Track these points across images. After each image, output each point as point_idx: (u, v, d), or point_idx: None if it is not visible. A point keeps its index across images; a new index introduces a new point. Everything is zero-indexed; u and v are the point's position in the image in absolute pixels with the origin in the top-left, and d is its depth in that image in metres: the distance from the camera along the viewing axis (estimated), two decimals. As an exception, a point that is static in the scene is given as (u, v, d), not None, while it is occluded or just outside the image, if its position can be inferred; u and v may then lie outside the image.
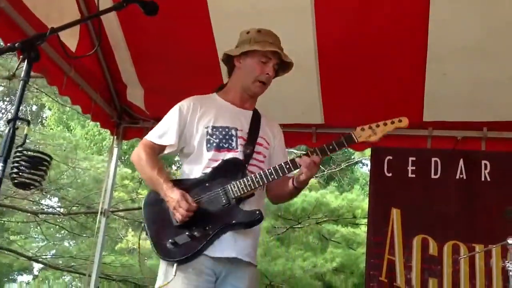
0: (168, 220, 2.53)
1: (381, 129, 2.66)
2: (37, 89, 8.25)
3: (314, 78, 4.22)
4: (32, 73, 1.92)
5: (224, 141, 2.64)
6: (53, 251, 12.69)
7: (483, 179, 4.35)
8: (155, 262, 10.59)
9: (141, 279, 10.20)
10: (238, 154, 2.64)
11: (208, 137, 2.65)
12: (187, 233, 2.48)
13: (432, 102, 4.27)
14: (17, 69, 1.85)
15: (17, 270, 19.43)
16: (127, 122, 4.93)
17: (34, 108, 17.80)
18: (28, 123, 1.77)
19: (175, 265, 2.46)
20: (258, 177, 2.54)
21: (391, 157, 4.55)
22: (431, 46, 3.86)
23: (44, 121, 18.81)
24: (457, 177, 4.38)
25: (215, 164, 2.61)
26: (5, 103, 15.27)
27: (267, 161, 2.76)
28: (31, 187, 1.69)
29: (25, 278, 21.81)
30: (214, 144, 2.63)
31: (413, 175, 4.48)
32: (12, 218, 12.48)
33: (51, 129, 15.99)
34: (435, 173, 4.43)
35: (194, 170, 2.66)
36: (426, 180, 4.44)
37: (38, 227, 11.92)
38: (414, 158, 4.51)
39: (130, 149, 16.62)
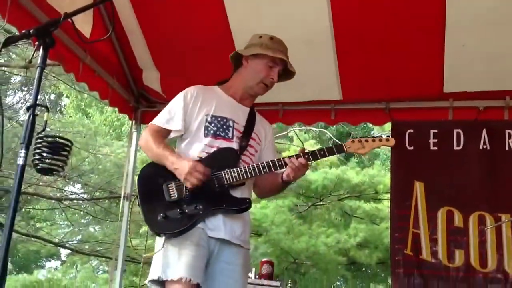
0: (161, 195, 2.67)
1: (370, 144, 2.85)
2: (54, 77, 8.29)
3: (331, 54, 4.18)
4: (48, 61, 1.93)
5: (221, 130, 2.81)
6: (79, 237, 12.87)
7: (507, 148, 4.28)
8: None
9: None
10: (233, 144, 2.81)
11: (207, 124, 2.80)
12: (178, 210, 2.62)
13: (452, 73, 4.20)
14: (33, 56, 1.84)
15: (45, 256, 19.83)
16: (145, 106, 4.95)
17: (52, 96, 17.95)
18: (47, 109, 1.78)
19: (164, 238, 2.60)
20: (251, 168, 2.71)
21: (412, 130, 4.49)
22: (449, 16, 3.79)
23: (62, 109, 18.97)
24: (481, 147, 4.31)
25: (211, 150, 2.76)
26: (23, 92, 15.41)
27: (257, 156, 2.94)
28: (54, 172, 1.70)
29: (53, 264, 22.24)
30: (212, 132, 2.79)
31: (435, 148, 4.42)
32: (37, 205, 12.66)
33: (70, 116, 16.12)
34: (458, 145, 4.37)
35: (190, 153, 2.79)
36: (449, 152, 4.38)
37: (63, 214, 12.09)
38: (435, 131, 4.44)
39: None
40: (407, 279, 4.23)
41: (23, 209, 13.12)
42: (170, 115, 2.83)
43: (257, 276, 4.13)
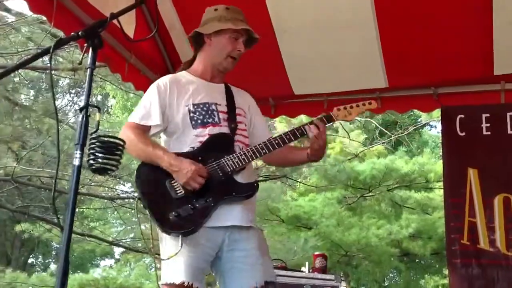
0: (167, 193, 2.57)
1: (355, 110, 2.89)
2: (101, 78, 8.47)
3: (374, 40, 4.07)
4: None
5: (207, 116, 2.72)
6: (132, 235, 13.10)
7: None
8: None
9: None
10: (223, 128, 2.73)
11: (191, 114, 2.71)
12: (189, 206, 2.53)
13: (502, 54, 4.03)
14: (82, 57, 1.86)
15: (100, 255, 20.34)
16: (191, 103, 4.97)
17: (99, 97, 18.32)
18: (99, 109, 1.80)
19: (180, 237, 2.50)
20: (250, 151, 2.67)
21: (462, 116, 4.37)
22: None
23: (109, 109, 19.34)
24: (535, 130, 4.16)
25: (203, 139, 2.68)
26: (71, 95, 15.79)
27: (249, 129, 2.90)
28: (108, 172, 1.73)
29: (108, 262, 22.79)
30: (199, 121, 2.70)
31: (488, 132, 4.29)
32: (90, 205, 12.96)
33: (117, 116, 16.42)
34: (512, 129, 4.23)
35: (183, 148, 2.70)
36: (503, 136, 4.24)
37: (116, 212, 12.33)
38: (488, 115, 4.30)
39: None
40: (465, 269, 4.12)
41: (77, 209, 13.48)
42: (146, 110, 2.71)
43: (310, 270, 4.11)
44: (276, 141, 2.72)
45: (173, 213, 2.52)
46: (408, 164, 12.22)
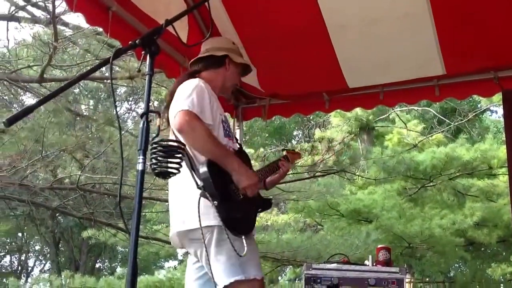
0: (231, 194, 2.66)
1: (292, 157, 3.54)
2: (157, 84, 8.64)
3: (429, 25, 3.98)
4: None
5: (228, 130, 2.92)
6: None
7: None
8: (290, 236, 10.78)
9: (280, 253, 10.42)
10: (236, 145, 2.95)
11: (223, 124, 2.87)
12: (248, 210, 2.74)
13: None
14: (141, 65, 1.91)
15: (164, 257, 20.76)
16: (244, 103, 5.02)
17: (156, 103, 18.69)
18: (159, 115, 1.85)
19: (243, 238, 2.59)
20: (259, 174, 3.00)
21: (525, 98, 4.23)
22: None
23: (166, 115, 19.70)
24: None
25: (231, 150, 2.83)
26: (129, 102, 16.19)
27: None
28: (171, 175, 1.78)
29: (171, 264, 23.25)
30: (227, 132, 2.88)
31: (552, 114, 4.14)
32: (153, 209, 13.25)
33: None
34: None
35: None
36: None
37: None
38: (550, 96, 4.16)
39: (249, 130, 17.00)
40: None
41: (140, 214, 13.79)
42: (201, 107, 2.71)
43: (374, 263, 4.06)
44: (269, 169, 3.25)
45: (238, 214, 2.65)
46: (470, 151, 11.90)
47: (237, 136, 3.15)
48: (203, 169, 2.58)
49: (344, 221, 11.79)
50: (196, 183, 2.58)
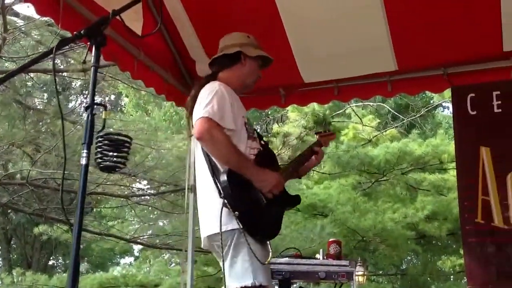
0: (258, 200, 2.71)
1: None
2: (111, 77, 8.50)
3: (382, 23, 4.05)
4: (104, 62, 1.98)
5: (251, 130, 2.94)
6: (150, 231, 13.18)
7: None
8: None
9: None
10: (259, 143, 2.95)
11: (246, 125, 2.89)
12: (273, 213, 2.76)
13: (511, 30, 4.00)
14: (86, 56, 1.87)
15: (119, 253, 20.50)
16: (200, 96, 4.97)
17: (113, 97, 18.41)
18: (105, 108, 1.81)
19: (269, 242, 2.67)
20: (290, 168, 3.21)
21: (473, 95, 4.34)
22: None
23: (123, 108, 19.43)
24: (547, 105, 4.12)
25: (253, 151, 2.84)
26: (85, 96, 15.88)
27: None
28: (116, 169, 1.75)
29: (127, 260, 22.97)
30: (250, 133, 2.90)
31: (499, 110, 4.25)
32: (107, 204, 13.05)
33: (130, 115, 16.49)
34: (523, 105, 4.19)
35: None
36: (514, 113, 4.21)
37: (132, 211, 12.41)
38: (498, 92, 4.27)
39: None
40: (480, 248, 4.11)
41: (94, 210, 13.57)
42: (222, 113, 2.74)
43: (325, 257, 4.11)
44: (296, 164, 3.34)
45: (261, 220, 2.70)
46: (422, 146, 12.16)
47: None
48: (223, 178, 2.63)
49: (300, 216, 11.88)
50: (219, 191, 2.65)
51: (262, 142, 3.00)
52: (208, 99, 2.74)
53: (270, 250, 2.63)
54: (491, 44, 4.12)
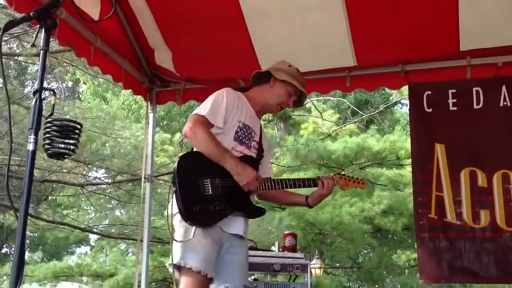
0: (198, 188, 2.89)
1: (351, 184, 3.41)
2: (67, 62, 8.30)
3: (343, 19, 4.07)
4: (60, 47, 1.92)
5: (246, 138, 3.11)
6: (106, 221, 13.03)
7: (528, 103, 4.18)
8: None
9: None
10: (252, 153, 3.12)
11: (238, 129, 3.07)
12: (211, 206, 2.88)
13: (468, 30, 4.06)
14: (35, 39, 1.80)
15: (74, 242, 20.19)
16: (159, 86, 4.91)
17: (70, 84, 18.04)
18: (54, 93, 1.76)
19: (194, 228, 2.83)
20: (269, 182, 3.08)
21: (430, 92, 4.41)
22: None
23: (81, 95, 19.08)
24: (501, 104, 4.21)
25: (236, 154, 3.02)
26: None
27: (260, 167, 3.24)
28: (66, 156, 1.71)
29: (83, 249, 22.67)
30: (240, 138, 3.07)
31: (455, 108, 4.34)
32: (62, 193, 12.82)
33: (88, 102, 16.21)
34: (477, 103, 4.28)
35: None
36: (469, 112, 4.30)
37: (88, 200, 12.22)
38: (454, 91, 4.35)
39: (167, 115, 16.76)
40: (433, 243, 4.19)
41: (49, 197, 13.30)
42: (214, 111, 3.01)
43: (280, 249, 4.12)
44: (290, 183, 3.17)
45: (198, 207, 2.86)
46: (380, 142, 12.34)
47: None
48: (174, 166, 2.94)
49: (258, 208, 11.88)
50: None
51: (256, 152, 3.15)
52: (208, 100, 3.06)
53: (192, 235, 2.80)
54: (448, 44, 4.19)
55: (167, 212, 2.95)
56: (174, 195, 2.90)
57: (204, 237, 2.85)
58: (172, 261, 2.86)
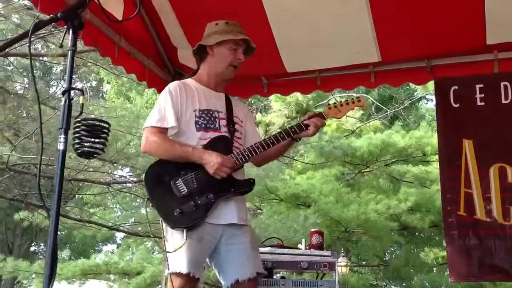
0: (172, 192, 2.83)
1: (345, 107, 3.16)
2: (92, 62, 8.38)
3: (366, 13, 4.02)
4: (85, 47, 1.94)
5: (210, 122, 2.99)
6: (132, 219, 13.14)
7: (557, 96, 4.10)
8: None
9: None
10: (223, 133, 3.00)
11: (196, 119, 2.97)
12: (192, 203, 2.80)
13: (495, 23, 3.98)
14: (63, 39, 1.83)
15: (101, 240, 20.41)
16: (182, 83, 4.93)
17: (94, 83, 18.24)
18: (82, 92, 1.78)
19: (185, 231, 2.76)
20: (247, 151, 2.95)
21: (456, 87, 4.34)
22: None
23: (104, 95, 19.28)
24: (530, 99, 4.14)
25: (205, 142, 2.94)
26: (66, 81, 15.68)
27: (243, 138, 3.14)
28: (95, 155, 1.73)
29: (110, 247, 22.91)
30: (203, 126, 2.96)
31: (482, 103, 4.26)
32: (89, 191, 12.97)
33: (112, 102, 16.36)
34: (506, 98, 4.19)
35: None
36: (497, 106, 4.22)
37: (115, 198, 12.35)
38: (481, 85, 4.28)
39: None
40: (462, 241, 4.13)
41: (76, 196, 13.47)
42: (161, 114, 2.94)
43: (307, 247, 4.10)
44: (271, 140, 3.00)
45: (178, 210, 2.78)
46: (405, 138, 12.20)
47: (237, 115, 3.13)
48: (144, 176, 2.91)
49: (283, 205, 11.88)
50: None
51: (228, 128, 3.02)
52: (154, 107, 3.03)
53: (185, 239, 2.73)
54: (474, 37, 4.12)
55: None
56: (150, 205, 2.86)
57: (189, 237, 2.77)
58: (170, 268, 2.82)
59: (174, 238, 2.81)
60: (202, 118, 2.98)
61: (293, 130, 3.03)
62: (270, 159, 3.36)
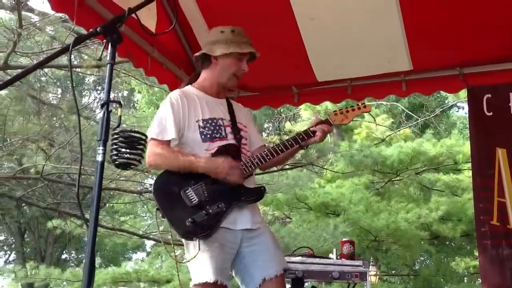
0: (183, 202, 2.80)
1: (351, 113, 3.13)
2: (125, 73, 8.53)
3: (397, 21, 4.01)
4: (118, 58, 1.99)
5: (215, 132, 2.93)
6: (162, 227, 13.23)
7: None
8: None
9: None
10: (230, 141, 2.95)
11: (201, 129, 2.92)
12: (203, 212, 2.77)
13: (528, 30, 3.94)
14: (102, 53, 1.88)
15: (131, 248, 20.65)
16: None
17: (125, 93, 18.50)
18: (120, 105, 1.82)
19: (197, 241, 2.73)
20: (256, 158, 2.92)
21: (489, 95, 4.29)
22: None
23: (135, 104, 19.53)
24: None
25: (212, 151, 2.88)
26: (98, 91, 15.97)
27: (248, 142, 3.09)
28: (132, 166, 1.78)
29: (139, 255, 23.12)
30: (208, 136, 2.91)
31: (516, 111, 4.21)
32: (120, 200, 13.13)
33: (143, 111, 16.56)
34: (540, 106, 4.14)
35: None
36: (531, 115, 4.16)
37: (145, 206, 12.46)
38: (515, 93, 4.23)
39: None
40: (495, 251, 4.07)
41: (107, 204, 13.65)
42: (162, 126, 2.89)
43: (338, 257, 4.09)
44: (280, 148, 2.97)
45: (189, 219, 2.74)
46: (436, 146, 12.06)
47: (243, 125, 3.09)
48: (152, 188, 2.92)
49: (312, 214, 11.85)
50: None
51: (234, 135, 2.98)
52: (154, 118, 2.97)
53: (198, 249, 2.71)
54: (507, 45, 4.07)
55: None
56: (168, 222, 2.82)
57: (211, 245, 2.74)
58: (192, 282, 2.78)
59: (190, 248, 2.81)
60: (206, 128, 2.93)
61: (301, 137, 3.01)
62: (276, 164, 3.37)
